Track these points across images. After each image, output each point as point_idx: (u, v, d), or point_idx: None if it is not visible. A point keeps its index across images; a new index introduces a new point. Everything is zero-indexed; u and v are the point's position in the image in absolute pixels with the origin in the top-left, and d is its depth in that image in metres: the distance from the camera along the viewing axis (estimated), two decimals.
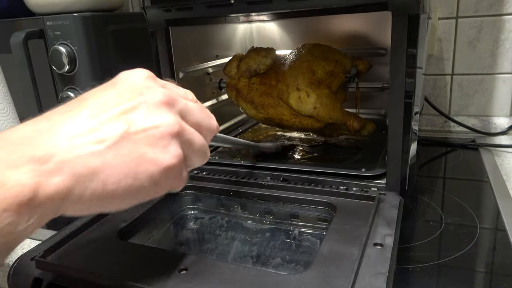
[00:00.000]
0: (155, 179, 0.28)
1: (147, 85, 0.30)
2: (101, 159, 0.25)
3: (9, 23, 0.70)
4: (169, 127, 0.28)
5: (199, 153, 0.32)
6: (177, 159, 0.29)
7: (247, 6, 0.53)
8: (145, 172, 0.27)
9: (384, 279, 0.34)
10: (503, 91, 0.84)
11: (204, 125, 0.33)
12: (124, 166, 0.26)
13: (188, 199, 0.58)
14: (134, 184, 0.27)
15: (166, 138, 0.28)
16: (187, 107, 0.31)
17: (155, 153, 0.28)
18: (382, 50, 0.80)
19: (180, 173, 0.30)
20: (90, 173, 0.25)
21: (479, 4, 0.80)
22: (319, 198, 0.51)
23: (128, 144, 0.27)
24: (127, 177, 0.26)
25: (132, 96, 0.28)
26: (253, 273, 0.36)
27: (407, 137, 0.50)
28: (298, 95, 0.61)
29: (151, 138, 0.27)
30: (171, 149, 0.28)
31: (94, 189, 0.25)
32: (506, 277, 0.39)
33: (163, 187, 0.29)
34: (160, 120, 0.28)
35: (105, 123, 0.26)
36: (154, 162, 0.27)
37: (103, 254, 0.40)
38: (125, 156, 0.26)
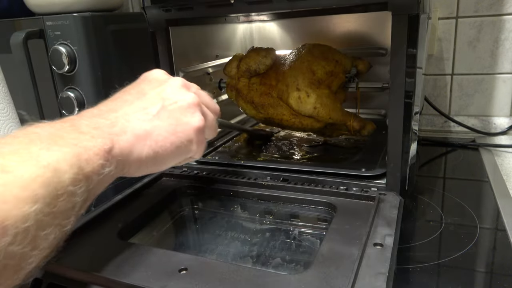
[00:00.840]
0: (189, 137, 0.38)
1: (167, 77, 0.42)
2: (151, 124, 0.36)
3: (9, 23, 0.70)
4: (192, 100, 0.39)
5: (211, 126, 0.43)
6: (202, 121, 0.39)
7: (247, 6, 0.53)
8: (182, 131, 0.38)
9: (384, 279, 0.34)
10: (503, 91, 0.84)
11: (211, 106, 0.44)
12: (167, 127, 0.37)
13: (188, 199, 0.58)
14: (176, 141, 0.38)
15: (192, 107, 0.39)
16: (198, 91, 0.43)
17: (187, 117, 0.38)
18: (382, 50, 0.80)
19: (203, 138, 0.40)
20: (145, 133, 0.36)
21: (479, 4, 0.80)
22: (319, 198, 0.51)
23: (167, 113, 0.38)
24: (171, 135, 0.37)
25: (160, 83, 0.40)
26: (253, 273, 0.36)
27: (407, 137, 0.50)
28: (298, 95, 0.61)
29: (181, 108, 0.38)
30: (196, 115, 0.39)
31: (149, 146, 0.36)
32: (506, 277, 0.39)
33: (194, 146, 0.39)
34: (184, 96, 0.39)
35: (148, 102, 0.38)
36: (187, 124, 0.38)
37: (103, 254, 0.40)
38: (166, 121, 0.37)
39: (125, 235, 0.46)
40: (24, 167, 0.27)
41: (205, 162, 0.65)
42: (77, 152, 0.30)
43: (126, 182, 0.66)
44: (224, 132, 0.80)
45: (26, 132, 0.30)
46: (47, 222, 0.27)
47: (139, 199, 0.54)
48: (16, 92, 0.63)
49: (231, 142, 0.77)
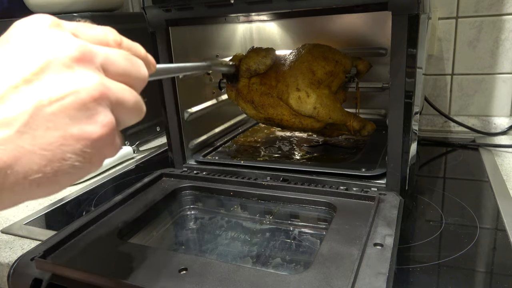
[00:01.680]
0: (86, 156, 0.23)
1: (52, 37, 0.23)
2: (12, 147, 0.21)
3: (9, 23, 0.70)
4: (90, 91, 0.23)
5: (134, 111, 0.27)
6: (107, 127, 0.24)
7: (247, 6, 0.53)
8: (72, 151, 0.23)
9: (384, 279, 0.34)
10: (503, 91, 0.84)
11: (133, 75, 0.27)
12: (44, 150, 0.21)
13: (188, 199, 0.58)
14: (63, 167, 0.23)
15: (89, 106, 0.23)
16: (109, 58, 0.25)
17: (80, 126, 0.23)
18: (382, 50, 0.80)
19: (113, 141, 0.25)
20: (2, 167, 0.20)
21: (479, 4, 0.80)
22: (319, 198, 0.51)
23: (44, 122, 0.21)
24: (52, 161, 0.22)
25: (33, 56, 0.22)
26: (253, 273, 0.36)
27: (407, 137, 0.50)
28: (298, 95, 0.61)
29: (71, 108, 0.22)
30: (99, 117, 0.23)
31: (13, 182, 0.21)
32: (506, 277, 0.39)
33: (97, 162, 0.25)
34: (77, 82, 0.23)
35: (8, 99, 0.21)
36: (81, 138, 0.23)
37: (103, 254, 0.40)
38: (43, 137, 0.21)
39: (125, 235, 0.46)
40: None
41: (205, 162, 0.65)
42: None
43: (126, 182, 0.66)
44: (224, 132, 0.80)
45: None
46: None
47: (139, 199, 0.54)
48: None
49: (231, 142, 0.77)
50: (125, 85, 0.26)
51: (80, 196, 0.65)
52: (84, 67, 0.23)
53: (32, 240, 0.51)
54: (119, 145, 0.27)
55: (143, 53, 0.30)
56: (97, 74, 0.24)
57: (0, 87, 0.21)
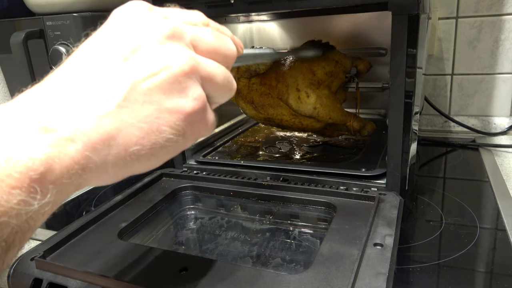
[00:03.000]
0: (179, 130, 0.24)
1: (145, 19, 0.25)
2: (114, 120, 0.22)
3: (9, 23, 0.70)
4: (182, 66, 0.24)
5: (224, 87, 0.28)
6: (199, 101, 0.25)
7: (247, 6, 0.53)
8: (167, 124, 0.24)
9: (384, 279, 0.34)
10: (503, 91, 0.84)
11: (222, 52, 0.28)
12: (142, 122, 0.23)
13: (188, 199, 0.58)
14: (159, 139, 0.24)
15: (181, 80, 0.24)
16: (198, 35, 0.27)
17: (173, 99, 0.24)
18: (382, 50, 0.80)
19: (205, 117, 0.26)
20: (106, 138, 0.22)
21: (479, 4, 0.80)
22: (319, 198, 0.51)
23: (140, 96, 0.23)
24: (149, 134, 0.23)
25: (130, 36, 0.24)
26: (253, 273, 0.36)
27: (407, 137, 0.50)
28: (298, 95, 0.61)
29: (164, 83, 0.23)
30: (190, 91, 0.25)
31: (116, 154, 0.22)
32: (506, 277, 0.39)
33: (191, 136, 0.26)
34: (170, 58, 0.24)
35: (109, 77, 0.22)
36: (174, 111, 0.24)
37: (103, 254, 0.40)
38: (141, 111, 0.23)
39: (125, 235, 0.46)
40: None
41: (205, 162, 0.65)
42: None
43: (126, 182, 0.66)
44: (224, 132, 0.80)
45: None
46: None
47: (139, 199, 0.54)
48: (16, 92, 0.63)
49: (231, 142, 0.77)
50: (215, 62, 0.27)
51: (80, 196, 0.65)
52: (175, 44, 0.25)
53: (32, 240, 0.51)
54: (212, 122, 0.28)
55: (230, 33, 0.31)
56: (187, 50, 0.25)
57: (102, 65, 0.23)
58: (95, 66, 0.23)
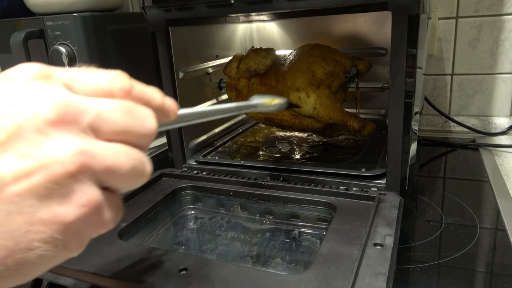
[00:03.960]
0: (58, 243, 0.19)
1: (30, 93, 0.19)
2: None
3: (9, 23, 0.70)
4: (65, 165, 0.18)
5: (131, 176, 0.22)
6: (87, 207, 0.19)
7: (247, 6, 0.53)
8: (40, 238, 0.18)
9: (384, 279, 0.34)
10: (503, 91, 0.84)
11: (134, 131, 0.22)
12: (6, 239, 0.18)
13: (188, 199, 0.58)
14: (29, 257, 0.18)
15: (63, 183, 0.19)
16: (101, 115, 0.20)
17: (50, 208, 0.18)
18: (382, 50, 0.80)
19: (99, 220, 0.21)
20: None
21: (479, 4, 0.80)
22: (319, 198, 0.51)
23: (6, 204, 0.18)
24: (15, 252, 0.18)
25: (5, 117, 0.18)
26: (253, 273, 0.36)
27: (407, 137, 0.50)
28: (298, 95, 0.61)
29: (39, 187, 0.18)
30: (75, 196, 0.19)
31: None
32: (506, 277, 0.39)
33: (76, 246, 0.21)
34: (50, 154, 0.18)
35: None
36: (51, 221, 0.18)
37: (103, 254, 0.40)
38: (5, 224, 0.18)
39: (125, 235, 0.46)
40: None
41: (205, 162, 0.65)
42: None
43: None
44: (224, 132, 0.80)
45: None
46: None
47: (139, 199, 0.54)
48: None
49: (231, 142, 0.77)
50: (121, 146, 0.21)
51: None
52: (63, 132, 0.19)
53: None
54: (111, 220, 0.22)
55: (158, 101, 0.25)
56: (79, 140, 0.19)
57: None
58: None
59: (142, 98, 0.24)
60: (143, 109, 0.23)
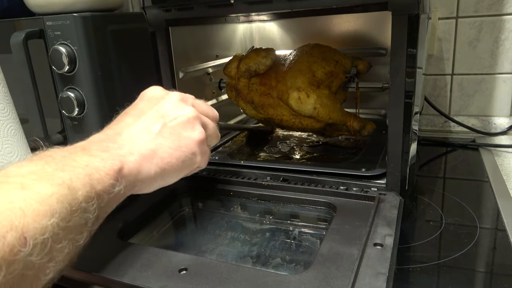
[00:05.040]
0: (192, 150, 0.41)
1: (164, 92, 0.44)
2: (155, 142, 0.38)
3: (9, 23, 0.70)
4: (191, 113, 0.42)
5: (214, 133, 0.46)
6: (202, 134, 0.42)
7: (247, 6, 0.53)
8: (185, 145, 0.40)
9: (384, 279, 0.34)
10: (503, 91, 0.84)
11: (210, 115, 0.46)
12: (171, 144, 0.39)
13: (188, 199, 0.58)
14: (181, 155, 0.40)
15: (191, 121, 0.42)
16: (195, 102, 0.45)
17: (188, 131, 0.41)
18: (382, 50, 0.80)
19: (205, 146, 0.43)
20: (151, 152, 0.38)
21: (479, 4, 0.80)
22: (319, 198, 0.51)
23: (168, 130, 0.40)
24: (175, 151, 0.40)
25: (158, 100, 0.42)
26: (253, 273, 0.36)
27: (407, 137, 0.50)
28: (298, 95, 0.61)
29: (182, 123, 0.41)
30: (197, 128, 0.42)
31: (156, 164, 0.38)
32: (506, 277, 0.39)
33: (199, 157, 0.42)
34: (183, 110, 0.42)
35: (149, 121, 0.40)
36: (189, 138, 0.41)
37: (103, 254, 0.40)
38: (169, 138, 0.39)
39: (125, 235, 0.46)
40: (41, 184, 0.29)
41: None
42: (89, 172, 0.32)
43: None
44: (224, 132, 0.80)
45: (41, 156, 0.32)
46: (62, 235, 0.29)
47: (139, 199, 0.54)
48: (16, 92, 0.63)
49: (231, 142, 0.77)
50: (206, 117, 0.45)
51: None
52: (184, 104, 0.43)
53: None
54: (209, 152, 0.45)
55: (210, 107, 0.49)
56: (192, 107, 0.43)
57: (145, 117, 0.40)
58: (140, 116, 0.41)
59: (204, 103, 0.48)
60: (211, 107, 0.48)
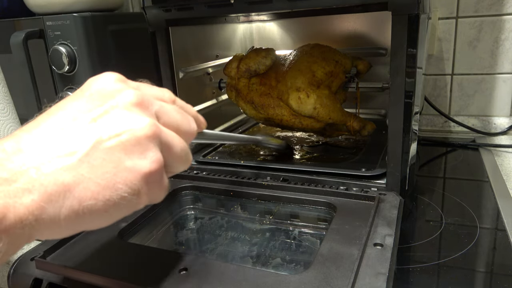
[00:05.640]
0: (135, 189, 0.26)
1: (117, 88, 0.28)
2: (73, 173, 0.24)
3: (9, 23, 0.70)
4: (144, 129, 0.26)
5: (180, 157, 0.30)
6: (157, 164, 0.26)
7: (247, 6, 0.53)
8: (123, 182, 0.25)
9: (384, 279, 0.34)
10: (503, 91, 0.84)
11: (182, 128, 0.30)
12: (100, 178, 0.24)
13: (188, 199, 0.58)
14: (113, 196, 0.25)
15: (142, 142, 0.26)
16: (163, 109, 0.29)
17: (133, 159, 0.25)
18: (382, 50, 0.80)
19: (161, 180, 0.28)
20: (63, 190, 0.23)
21: (479, 4, 0.80)
22: (319, 198, 0.51)
23: (102, 154, 0.25)
24: (105, 190, 0.24)
25: (101, 101, 0.27)
26: (253, 273, 0.36)
27: (407, 137, 0.50)
28: (298, 95, 0.61)
29: (126, 143, 0.25)
30: (149, 154, 0.26)
31: (70, 207, 0.24)
32: (506, 277, 0.39)
33: (145, 197, 0.27)
34: (134, 123, 0.26)
35: (75, 134, 0.25)
36: (132, 170, 0.25)
37: (103, 254, 0.40)
38: (100, 167, 0.24)
39: (125, 235, 0.46)
40: None
41: (205, 162, 0.65)
42: None
43: None
44: (224, 132, 0.80)
45: None
46: None
47: None
48: (16, 92, 0.63)
49: None
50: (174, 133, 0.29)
51: None
52: (141, 111, 0.27)
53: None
54: (166, 187, 0.29)
55: (193, 112, 0.34)
56: (151, 118, 0.27)
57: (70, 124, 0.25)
58: (63, 124, 0.25)
59: (182, 107, 0.32)
60: (187, 114, 0.32)
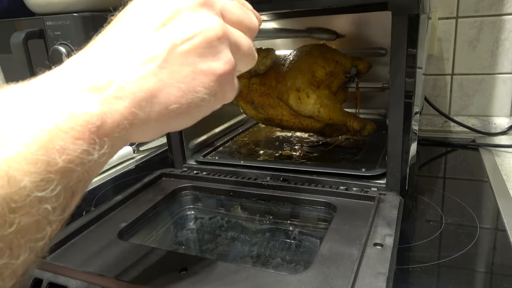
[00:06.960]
0: (212, 90, 0.27)
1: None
2: (155, 80, 0.24)
3: (9, 23, 0.70)
4: (214, 30, 0.26)
5: (248, 56, 0.31)
6: (229, 64, 0.27)
7: None
8: (201, 84, 0.26)
9: (384, 279, 0.34)
10: (503, 91, 0.84)
11: (246, 24, 0.31)
12: (181, 82, 0.25)
13: (188, 199, 0.58)
14: (194, 99, 0.26)
15: (214, 44, 0.27)
16: (226, 6, 0.29)
17: (207, 62, 0.26)
18: (382, 50, 0.80)
19: (233, 80, 0.29)
20: (149, 96, 0.24)
21: (479, 4, 0.80)
22: (319, 198, 0.51)
23: (178, 58, 0.25)
24: (186, 94, 0.26)
25: (166, 4, 0.26)
26: (253, 273, 0.36)
27: (407, 137, 0.50)
28: (298, 95, 0.61)
29: (199, 46, 0.26)
30: (222, 55, 0.27)
31: (158, 112, 0.25)
32: (506, 277, 0.39)
33: (220, 97, 0.28)
34: (204, 24, 0.26)
35: (149, 40, 0.25)
36: (208, 72, 0.26)
37: (103, 254, 0.40)
38: (179, 72, 0.25)
39: (125, 235, 0.46)
40: None
41: (205, 162, 0.65)
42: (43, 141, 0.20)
43: (126, 182, 0.66)
44: (224, 132, 0.80)
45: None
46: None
47: (139, 199, 0.54)
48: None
49: (231, 142, 0.77)
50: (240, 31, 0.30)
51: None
52: (208, 11, 0.27)
53: None
54: (237, 87, 0.30)
55: (250, 8, 0.33)
56: (218, 18, 0.27)
57: (143, 31, 0.25)
58: (136, 31, 0.25)
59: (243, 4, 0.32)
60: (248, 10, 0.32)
